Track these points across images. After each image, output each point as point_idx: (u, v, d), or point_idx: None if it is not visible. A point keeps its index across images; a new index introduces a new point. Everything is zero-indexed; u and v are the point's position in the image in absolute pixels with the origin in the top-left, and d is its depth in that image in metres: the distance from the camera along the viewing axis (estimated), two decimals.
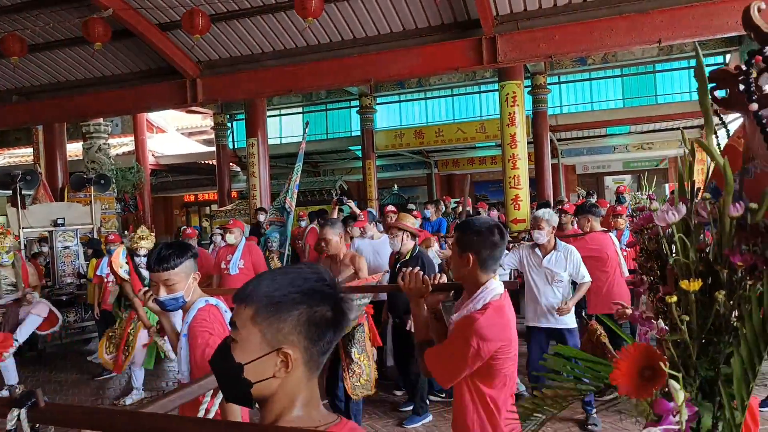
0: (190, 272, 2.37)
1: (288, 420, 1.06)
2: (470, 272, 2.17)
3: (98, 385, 6.55)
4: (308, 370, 1.06)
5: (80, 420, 1.01)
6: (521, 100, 9.30)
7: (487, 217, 2.34)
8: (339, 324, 1.07)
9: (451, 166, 20.13)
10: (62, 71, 10.33)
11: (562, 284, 4.56)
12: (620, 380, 0.86)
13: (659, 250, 1.10)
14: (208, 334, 2.26)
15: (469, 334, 2.05)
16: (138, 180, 15.97)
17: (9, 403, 1.06)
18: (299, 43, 9.01)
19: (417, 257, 5.03)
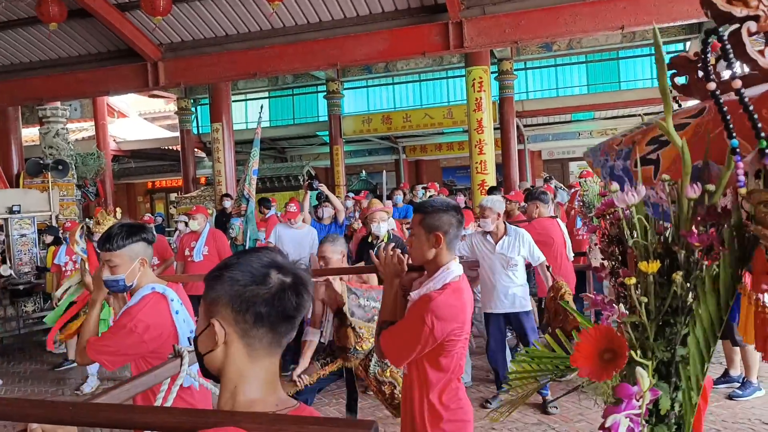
0: (136, 256, 2.29)
1: (241, 401, 1.06)
2: (437, 253, 2.16)
3: (58, 376, 6.40)
4: (248, 347, 1.06)
5: (27, 413, 0.97)
6: (488, 85, 9.34)
7: (445, 198, 2.34)
8: (277, 304, 1.05)
9: (419, 151, 20.16)
10: (16, 53, 9.93)
11: (517, 268, 4.62)
12: (581, 363, 0.86)
13: (620, 234, 1.10)
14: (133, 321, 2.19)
15: (425, 312, 2.05)
16: (99, 166, 15.53)
17: None
18: (264, 26, 8.84)
19: (395, 239, 5.12)
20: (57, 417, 1.00)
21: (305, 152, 20.35)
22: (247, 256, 1.09)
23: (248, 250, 1.13)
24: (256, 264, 1.07)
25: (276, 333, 1.07)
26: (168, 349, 2.23)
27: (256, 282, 1.05)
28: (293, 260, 1.12)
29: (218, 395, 1.11)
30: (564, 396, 4.80)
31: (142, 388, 1.46)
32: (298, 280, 1.08)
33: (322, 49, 8.52)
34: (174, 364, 1.65)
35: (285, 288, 1.06)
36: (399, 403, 3.57)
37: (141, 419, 0.94)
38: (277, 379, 1.11)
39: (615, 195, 0.99)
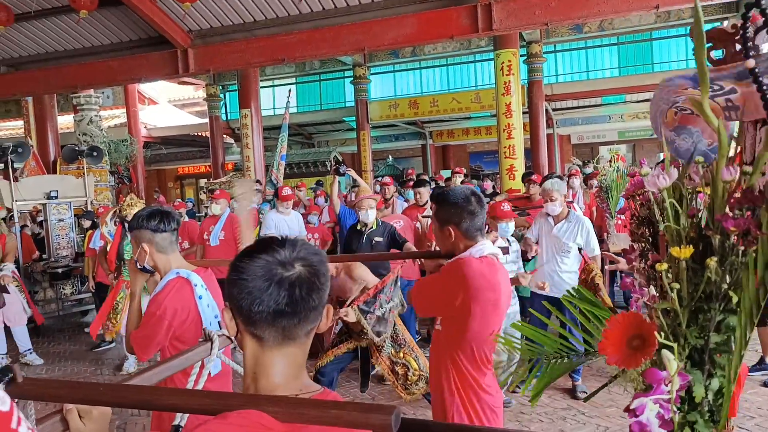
0: (140, 241, 2.33)
1: (263, 386, 1.07)
2: (455, 244, 2.15)
3: (96, 356, 6.60)
4: (259, 339, 1.07)
5: (60, 394, 1.00)
6: (516, 68, 9.21)
7: (463, 186, 2.31)
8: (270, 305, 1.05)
9: (446, 136, 20.02)
10: (50, 41, 10.14)
11: (569, 255, 4.58)
12: (608, 350, 0.85)
13: (650, 216, 1.08)
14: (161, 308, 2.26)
15: (458, 272, 2.06)
16: (131, 152, 15.83)
17: None
18: (292, 12, 8.85)
19: (384, 226, 5.23)
20: (88, 397, 1.03)
21: (332, 138, 20.40)
22: (258, 249, 1.09)
23: (265, 239, 1.12)
24: (260, 259, 1.06)
25: (276, 327, 1.06)
26: (191, 333, 2.29)
27: (255, 279, 1.05)
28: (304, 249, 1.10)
29: (243, 379, 1.13)
30: (595, 383, 4.78)
31: (173, 371, 1.50)
32: (300, 277, 1.06)
33: (349, 34, 8.48)
34: (204, 347, 1.69)
35: (278, 284, 1.05)
36: (411, 384, 3.61)
37: (167, 401, 0.97)
38: (300, 365, 1.11)
39: (646, 178, 0.98)
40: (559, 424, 4.19)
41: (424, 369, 3.62)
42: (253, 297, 1.04)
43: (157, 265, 2.35)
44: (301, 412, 0.92)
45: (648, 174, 0.96)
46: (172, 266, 2.37)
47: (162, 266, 2.36)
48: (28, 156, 9.73)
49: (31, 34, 9.94)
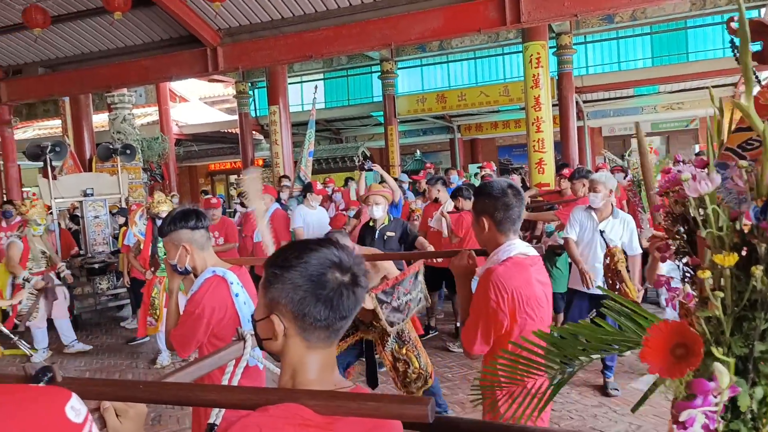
0: (179, 243, 2.35)
1: (300, 382, 1.10)
2: (488, 236, 2.16)
3: (131, 350, 6.77)
4: (306, 340, 1.09)
5: (99, 392, 1.03)
6: (545, 61, 9.09)
7: (501, 179, 2.30)
8: (334, 306, 1.07)
9: (475, 130, 19.87)
10: (85, 42, 10.36)
11: None
12: (651, 359, 0.84)
13: (686, 213, 1.06)
14: (199, 307, 2.30)
15: (488, 285, 2.02)
16: (163, 149, 16.13)
17: (25, 380, 1.08)
18: (319, 8, 8.87)
19: (396, 222, 5.32)
20: (128, 395, 1.06)
21: (360, 133, 20.44)
22: (307, 254, 1.09)
23: (309, 243, 1.12)
24: (314, 263, 1.07)
25: (332, 329, 1.10)
26: (228, 331, 2.33)
27: (314, 286, 1.06)
28: (352, 253, 1.12)
29: (279, 376, 1.15)
30: (627, 380, 4.72)
31: (208, 370, 1.54)
32: (356, 279, 1.09)
33: (376, 30, 8.47)
34: (238, 346, 1.72)
35: (342, 289, 1.07)
36: (410, 382, 3.56)
37: (207, 396, 0.99)
38: (334, 362, 1.15)
39: (686, 184, 0.96)
40: (590, 421, 4.15)
41: (424, 368, 3.57)
42: (320, 307, 1.06)
43: (196, 263, 2.38)
44: (339, 405, 0.95)
45: (688, 178, 0.94)
46: (208, 264, 2.40)
47: (199, 265, 2.39)
48: (66, 155, 10.00)
49: (67, 36, 10.18)
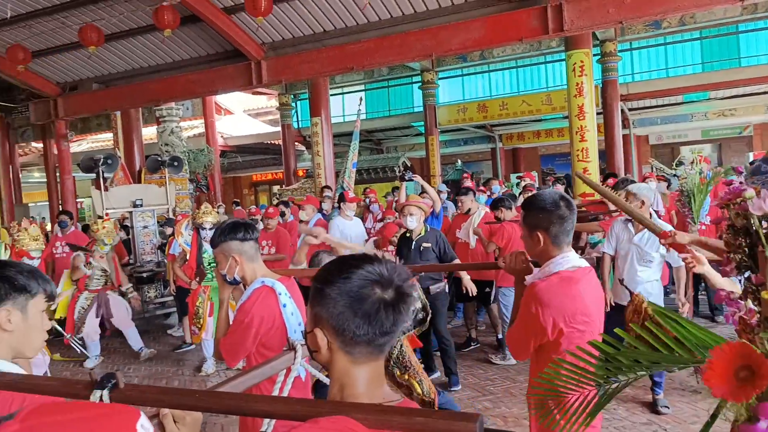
0: (228, 254, 2.41)
1: (348, 395, 1.12)
2: (543, 250, 2.12)
3: (178, 357, 6.93)
4: (350, 354, 1.11)
5: (158, 400, 1.08)
6: (589, 69, 8.94)
7: (551, 190, 2.26)
8: (374, 324, 1.08)
9: (517, 139, 19.67)
10: (136, 58, 10.78)
11: (651, 264, 4.40)
12: (714, 381, 0.81)
13: (748, 226, 1.03)
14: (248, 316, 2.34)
15: (530, 299, 2.04)
16: (208, 161, 16.54)
17: (91, 385, 1.14)
18: (360, 20, 9.00)
19: (432, 232, 5.29)
20: (184, 403, 1.10)
21: (401, 143, 20.50)
22: (349, 270, 1.10)
23: (353, 259, 1.13)
24: (354, 279, 1.09)
25: (374, 345, 1.10)
26: (275, 341, 2.37)
27: (352, 302, 1.07)
28: (396, 269, 1.12)
29: (328, 388, 1.17)
30: (677, 397, 4.56)
31: (260, 379, 1.57)
32: (399, 295, 1.10)
33: (417, 41, 8.53)
34: (288, 356, 1.75)
35: (381, 305, 1.08)
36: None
37: (259, 407, 1.02)
38: (382, 375, 1.16)
39: (750, 202, 0.92)
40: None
41: (427, 394, 3.43)
42: (359, 323, 1.08)
43: (245, 274, 2.44)
44: (387, 419, 0.95)
45: (752, 197, 0.90)
46: (257, 275, 2.45)
47: (248, 275, 2.44)
48: (117, 167, 10.38)
49: (119, 53, 10.61)
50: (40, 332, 1.57)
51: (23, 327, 1.50)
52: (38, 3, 9.12)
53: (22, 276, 1.51)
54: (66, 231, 8.42)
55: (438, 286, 5.22)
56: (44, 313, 1.58)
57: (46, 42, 10.26)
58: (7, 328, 1.48)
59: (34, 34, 9.92)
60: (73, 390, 1.20)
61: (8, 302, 1.48)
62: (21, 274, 1.52)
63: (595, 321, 2.07)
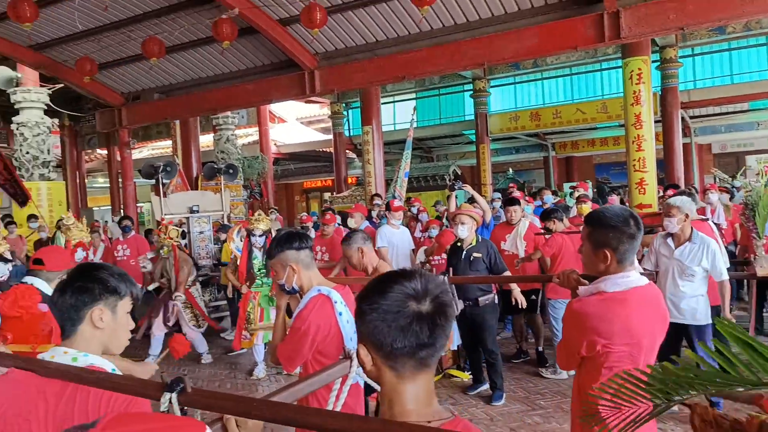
0: (286, 264, 2.47)
1: (398, 412, 1.13)
2: (607, 269, 2.09)
3: (230, 360, 7.11)
4: (393, 369, 1.13)
5: (222, 406, 1.13)
6: (648, 76, 8.68)
7: (619, 207, 2.22)
8: (411, 338, 1.09)
9: (570, 148, 19.28)
10: (195, 69, 11.17)
11: (694, 279, 4.25)
12: None
13: None
14: (305, 324, 2.39)
15: (567, 317, 2.12)
16: (262, 168, 16.94)
17: (161, 388, 1.21)
18: (412, 30, 9.03)
19: (483, 243, 5.25)
20: (244, 411, 1.15)
21: (451, 151, 20.43)
22: (386, 285, 1.13)
23: (392, 274, 1.15)
24: (390, 295, 1.11)
25: (416, 358, 1.11)
26: (332, 348, 2.41)
27: (387, 316, 1.10)
28: (432, 281, 1.13)
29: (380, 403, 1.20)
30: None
31: (317, 386, 1.62)
32: (435, 308, 1.10)
33: (469, 49, 8.49)
34: (344, 365, 1.78)
35: (417, 319, 1.09)
36: None
37: (313, 420, 1.05)
38: (431, 392, 1.16)
39: None
40: None
41: None
42: (395, 336, 1.10)
43: (302, 282, 2.50)
44: None
45: None
46: (314, 283, 2.50)
47: (305, 284, 2.50)
48: (175, 174, 10.76)
49: (179, 64, 11.02)
50: (125, 331, 1.68)
51: (112, 326, 1.62)
52: (106, 17, 9.58)
53: (113, 278, 1.63)
54: (127, 235, 8.79)
55: (487, 297, 5.15)
56: (128, 315, 1.69)
57: (112, 54, 10.76)
58: (99, 326, 1.59)
59: (102, 47, 10.42)
60: (147, 391, 1.30)
61: (101, 302, 1.60)
62: (113, 277, 1.64)
63: (642, 341, 2.04)
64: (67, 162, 18.98)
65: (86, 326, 1.59)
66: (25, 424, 1.46)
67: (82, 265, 1.71)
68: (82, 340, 1.59)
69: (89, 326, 1.59)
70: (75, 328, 1.59)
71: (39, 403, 1.47)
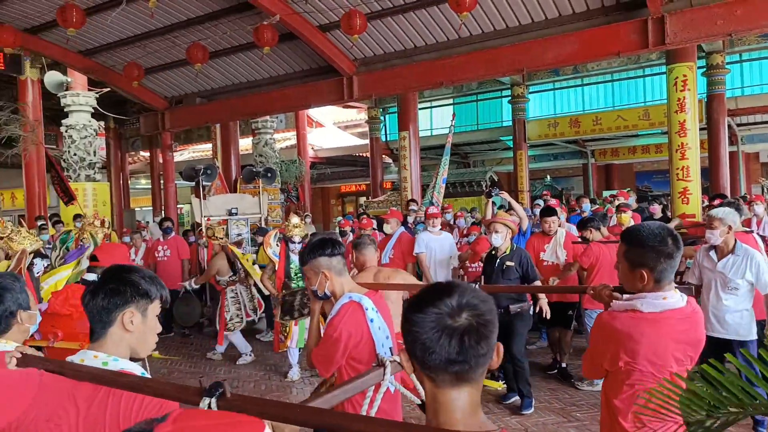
0: (318, 270, 2.49)
1: (442, 422, 1.13)
2: (644, 288, 2.05)
3: (267, 361, 7.22)
4: (432, 380, 1.13)
5: (259, 411, 1.15)
6: (693, 83, 8.45)
7: (657, 224, 2.15)
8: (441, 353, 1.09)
9: (610, 155, 18.92)
10: (236, 74, 11.39)
11: (738, 292, 4.12)
12: None
13: None
14: (337, 331, 2.40)
15: (595, 327, 2.17)
16: (299, 172, 17.12)
17: (200, 393, 1.22)
18: (451, 36, 9.02)
19: (517, 251, 5.18)
20: (285, 416, 1.17)
21: (488, 157, 20.29)
22: (421, 299, 1.13)
23: (436, 287, 1.16)
24: (422, 309, 1.11)
25: (450, 373, 1.11)
26: (365, 354, 2.42)
27: (420, 329, 1.10)
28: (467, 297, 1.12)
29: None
30: None
31: (352, 393, 1.63)
32: (467, 328, 1.09)
33: (507, 56, 8.43)
34: (377, 372, 1.78)
35: (444, 333, 1.09)
36: None
37: (354, 427, 1.06)
38: (476, 402, 1.14)
39: None
40: None
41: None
42: (426, 347, 1.10)
43: (334, 289, 2.52)
44: None
45: None
46: (345, 289, 2.52)
47: (337, 290, 2.52)
48: (215, 176, 10.98)
49: (221, 69, 11.25)
50: (153, 335, 1.68)
51: (142, 329, 1.62)
52: (152, 24, 9.87)
53: (144, 281, 1.63)
54: (168, 236, 8.99)
55: (518, 306, 5.03)
56: (157, 317, 1.69)
57: (157, 60, 11.06)
58: (129, 329, 1.60)
59: (147, 52, 10.73)
60: (185, 396, 1.30)
61: (132, 305, 1.60)
62: (144, 280, 1.63)
63: (669, 363, 2.00)
64: (112, 163, 19.56)
65: (116, 329, 1.59)
66: (56, 430, 1.45)
67: (114, 268, 1.70)
68: (111, 343, 1.59)
69: (119, 329, 1.59)
70: (105, 330, 1.59)
71: (70, 408, 1.47)
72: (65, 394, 1.48)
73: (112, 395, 1.46)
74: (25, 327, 2.17)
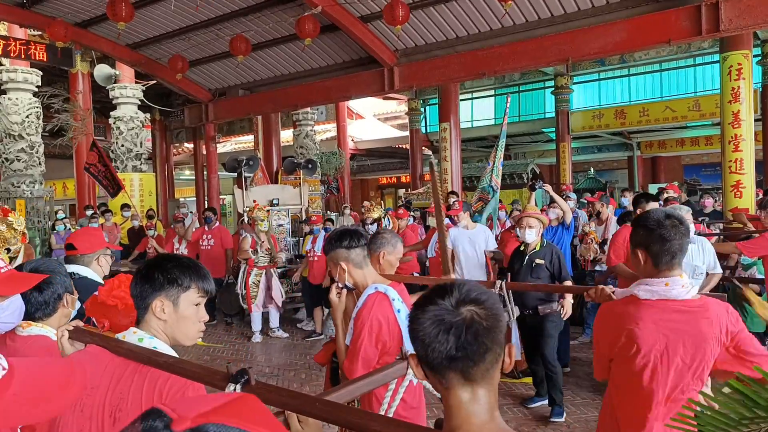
0: (337, 261, 2.48)
1: (455, 425, 1.08)
2: (645, 270, 2.07)
3: (306, 344, 7.43)
4: (440, 381, 1.10)
5: (284, 402, 1.14)
6: (748, 72, 8.12)
7: (663, 209, 2.22)
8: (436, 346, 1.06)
9: (657, 147, 18.37)
10: (278, 66, 11.49)
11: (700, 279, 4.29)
12: None
13: None
14: (368, 321, 2.38)
15: (596, 319, 2.23)
16: (339, 164, 17.21)
17: (226, 378, 1.23)
18: (494, 26, 8.88)
19: (548, 248, 4.90)
20: (306, 409, 1.16)
21: (529, 149, 19.98)
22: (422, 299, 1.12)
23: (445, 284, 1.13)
24: (422, 306, 1.10)
25: (454, 370, 1.07)
26: (395, 346, 2.39)
27: (416, 328, 1.09)
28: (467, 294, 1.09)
29: None
30: None
31: (374, 386, 1.61)
32: (464, 321, 1.06)
33: (552, 45, 8.24)
34: (401, 366, 1.75)
35: (443, 331, 1.06)
36: None
37: (372, 426, 1.05)
38: (490, 404, 1.10)
39: None
40: None
41: None
42: (426, 345, 1.08)
43: (356, 281, 2.50)
44: None
45: None
46: (369, 281, 2.50)
47: (360, 281, 2.50)
48: (257, 167, 11.13)
49: (263, 61, 11.37)
50: (193, 324, 1.64)
51: (174, 317, 1.60)
52: (197, 17, 10.04)
53: (176, 269, 1.60)
54: (211, 226, 9.16)
55: (548, 306, 4.76)
56: (200, 307, 1.65)
57: (200, 52, 11.26)
58: (161, 317, 1.59)
59: (191, 45, 10.93)
60: (212, 380, 1.32)
61: (162, 293, 1.58)
62: (176, 268, 1.60)
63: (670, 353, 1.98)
64: (157, 155, 20.07)
65: (151, 316, 1.59)
66: (88, 400, 1.48)
67: (159, 255, 1.71)
68: (148, 328, 1.61)
69: (153, 316, 1.59)
70: (144, 317, 1.61)
71: (103, 380, 1.51)
72: (102, 366, 1.52)
73: (138, 373, 1.48)
74: (67, 311, 2.23)
